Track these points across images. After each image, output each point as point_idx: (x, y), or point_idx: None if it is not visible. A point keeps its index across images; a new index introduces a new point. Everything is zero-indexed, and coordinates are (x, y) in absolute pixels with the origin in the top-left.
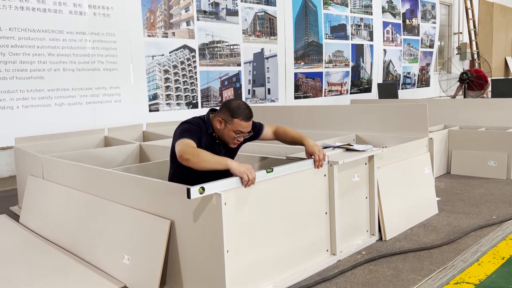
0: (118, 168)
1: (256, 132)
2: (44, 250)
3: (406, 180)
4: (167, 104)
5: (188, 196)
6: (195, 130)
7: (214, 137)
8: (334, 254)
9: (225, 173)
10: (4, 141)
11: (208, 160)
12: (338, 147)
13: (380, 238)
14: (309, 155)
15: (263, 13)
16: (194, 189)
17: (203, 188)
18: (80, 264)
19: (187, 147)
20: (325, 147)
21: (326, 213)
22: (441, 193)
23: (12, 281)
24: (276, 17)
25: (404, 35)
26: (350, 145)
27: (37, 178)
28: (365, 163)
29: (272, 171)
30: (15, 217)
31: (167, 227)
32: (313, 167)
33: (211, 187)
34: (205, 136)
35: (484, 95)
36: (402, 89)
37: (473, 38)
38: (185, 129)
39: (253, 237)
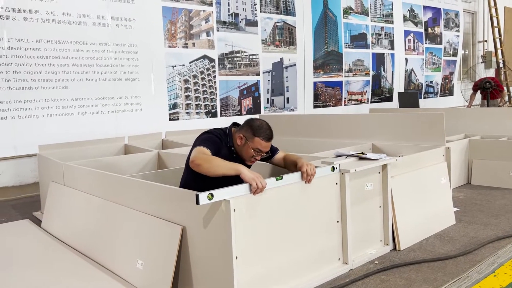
0: (134, 174)
1: (271, 154)
2: (62, 254)
3: (421, 189)
4: (187, 113)
5: (197, 202)
6: (215, 141)
7: (233, 151)
8: (346, 263)
9: (236, 181)
10: (29, 149)
11: (220, 165)
12: (351, 155)
13: (394, 248)
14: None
15: (282, 23)
16: (203, 195)
17: (212, 195)
18: (96, 268)
19: (200, 154)
20: (339, 156)
21: (338, 221)
22: (460, 204)
23: (29, 283)
24: (295, 27)
25: (426, 43)
26: (363, 154)
27: (58, 185)
28: (379, 172)
29: (281, 178)
30: (37, 222)
31: (178, 233)
32: (302, 181)
33: (220, 193)
34: (224, 148)
35: (501, 103)
36: (424, 98)
37: (498, 46)
38: (205, 139)
39: (263, 244)
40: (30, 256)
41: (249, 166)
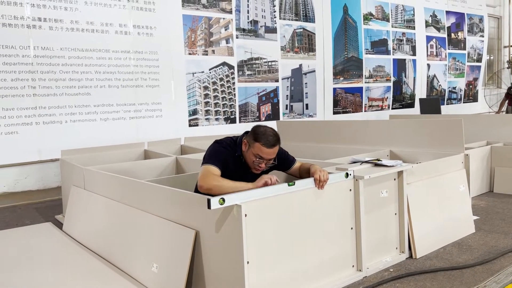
0: (152, 179)
1: (286, 164)
2: (81, 257)
3: (439, 197)
4: (206, 119)
5: (209, 207)
6: (223, 154)
7: (241, 160)
8: (360, 270)
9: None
10: (53, 154)
11: (229, 188)
12: (367, 162)
13: (410, 256)
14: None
15: (301, 30)
16: (215, 200)
17: (223, 199)
18: (114, 271)
19: (208, 178)
20: (354, 162)
21: (352, 228)
22: (480, 212)
23: (47, 284)
24: (314, 33)
25: (449, 49)
26: (379, 160)
27: (79, 188)
28: (394, 179)
29: (293, 184)
30: (59, 224)
31: (192, 237)
32: (315, 187)
33: (231, 198)
34: (233, 159)
35: None
36: (447, 104)
37: None
38: (214, 153)
39: (275, 250)
40: (49, 257)
41: (255, 175)
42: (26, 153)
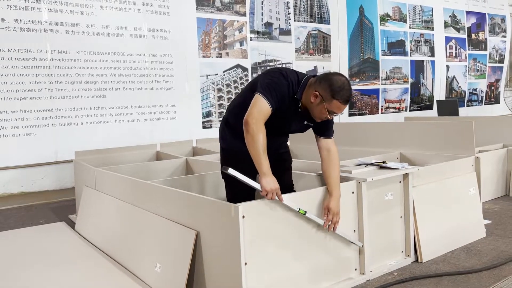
0: (157, 180)
1: (325, 132)
2: (90, 256)
3: (447, 200)
4: (220, 121)
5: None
6: (282, 91)
7: (298, 103)
8: (363, 273)
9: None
10: (69, 155)
11: (255, 152)
12: (372, 164)
13: (416, 260)
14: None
15: (316, 32)
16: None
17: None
18: (120, 270)
19: (257, 123)
20: (360, 164)
21: (354, 231)
22: (494, 216)
23: (53, 282)
24: (330, 35)
25: (469, 50)
26: (384, 163)
27: (91, 189)
28: (399, 182)
29: (305, 213)
30: (72, 224)
31: (193, 237)
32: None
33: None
34: (289, 99)
35: None
36: (467, 106)
37: None
38: (273, 85)
39: (275, 252)
40: (58, 257)
41: (309, 126)
42: (43, 154)
